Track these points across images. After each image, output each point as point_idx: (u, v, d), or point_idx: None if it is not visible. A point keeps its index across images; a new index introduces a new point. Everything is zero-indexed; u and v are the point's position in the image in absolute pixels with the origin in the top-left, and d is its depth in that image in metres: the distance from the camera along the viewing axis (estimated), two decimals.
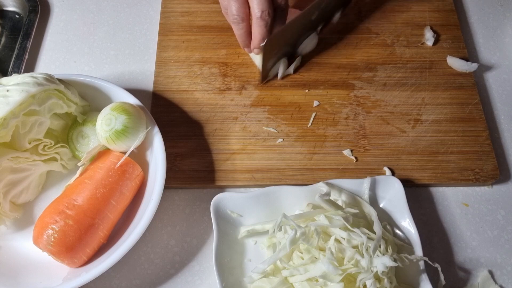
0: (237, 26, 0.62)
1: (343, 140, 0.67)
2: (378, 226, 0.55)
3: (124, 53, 0.76)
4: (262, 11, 0.58)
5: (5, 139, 0.55)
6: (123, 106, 0.59)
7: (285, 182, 0.63)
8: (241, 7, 0.59)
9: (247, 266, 0.58)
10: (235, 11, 0.60)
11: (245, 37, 0.64)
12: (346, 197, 0.59)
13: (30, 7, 0.78)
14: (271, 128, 0.68)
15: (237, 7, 0.60)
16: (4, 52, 0.77)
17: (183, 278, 0.59)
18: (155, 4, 0.80)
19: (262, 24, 0.59)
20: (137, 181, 0.60)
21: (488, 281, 0.59)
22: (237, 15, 0.60)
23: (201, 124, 0.68)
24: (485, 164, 0.65)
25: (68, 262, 0.55)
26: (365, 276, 0.50)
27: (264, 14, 0.58)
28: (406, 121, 0.68)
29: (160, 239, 0.61)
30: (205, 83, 0.71)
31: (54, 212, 0.55)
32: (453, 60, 0.72)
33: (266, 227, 0.58)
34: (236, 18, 0.61)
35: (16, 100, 0.53)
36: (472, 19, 0.80)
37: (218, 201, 0.59)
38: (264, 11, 0.58)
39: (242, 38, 0.64)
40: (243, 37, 0.64)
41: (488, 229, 0.63)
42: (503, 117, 0.71)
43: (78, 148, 0.63)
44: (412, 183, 0.64)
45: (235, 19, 0.61)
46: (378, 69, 0.73)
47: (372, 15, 0.78)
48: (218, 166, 0.65)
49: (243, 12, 0.60)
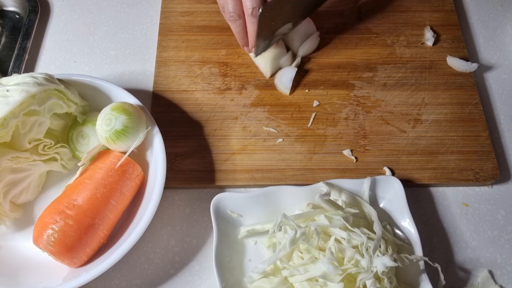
0: (234, 24, 0.63)
1: (343, 140, 0.67)
2: (378, 226, 0.55)
3: (124, 53, 0.76)
4: (253, 8, 0.58)
5: (5, 139, 0.55)
6: (123, 106, 0.59)
7: (285, 182, 0.63)
8: (237, 5, 0.60)
9: (247, 266, 0.58)
10: (231, 9, 0.60)
11: (243, 35, 0.64)
12: (346, 197, 0.59)
13: (30, 7, 0.78)
14: (271, 128, 0.68)
15: (233, 5, 0.60)
16: (4, 52, 0.77)
17: (183, 278, 0.59)
18: (155, 4, 0.80)
19: (254, 21, 0.60)
20: (137, 181, 0.60)
21: (488, 281, 0.59)
22: (233, 12, 0.60)
23: (201, 124, 0.68)
24: (485, 164, 0.65)
25: (68, 262, 0.55)
26: (365, 276, 0.50)
27: (255, 10, 0.58)
28: (406, 121, 0.68)
29: (160, 239, 0.61)
30: (205, 83, 0.71)
31: (54, 212, 0.55)
32: (453, 60, 0.72)
33: (266, 227, 0.58)
34: (232, 16, 0.61)
35: (16, 100, 0.53)
36: (472, 19, 0.80)
37: (218, 201, 0.59)
38: (255, 8, 0.58)
39: (240, 36, 0.64)
40: (240, 34, 0.64)
41: (488, 229, 0.63)
42: (503, 117, 0.71)
43: (78, 148, 0.63)
44: (412, 183, 0.64)
45: (232, 17, 0.61)
46: (378, 69, 0.73)
47: (372, 15, 0.78)
48: (218, 166, 0.65)
49: (239, 9, 0.60)
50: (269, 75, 0.71)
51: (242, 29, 0.63)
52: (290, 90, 0.69)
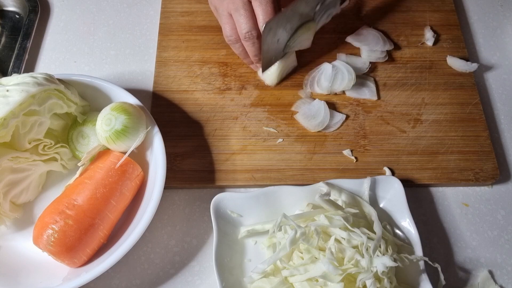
0: (234, 46, 0.65)
1: (343, 140, 0.67)
2: (378, 226, 0.55)
3: (124, 53, 0.76)
4: (246, 32, 0.61)
5: (5, 139, 0.55)
6: (123, 106, 0.59)
7: (285, 182, 0.63)
8: (233, 29, 0.63)
9: (247, 266, 0.58)
10: (228, 33, 0.63)
11: (245, 55, 0.66)
12: (346, 197, 0.59)
13: (30, 7, 0.78)
14: (271, 128, 0.68)
15: (229, 29, 0.63)
16: (4, 52, 0.77)
17: (183, 278, 0.59)
18: (155, 4, 0.80)
19: (249, 44, 0.62)
20: (137, 181, 0.60)
21: (488, 281, 0.59)
22: (230, 36, 0.63)
23: (201, 124, 0.68)
24: (485, 164, 0.65)
25: (68, 262, 0.55)
26: (365, 276, 0.50)
27: (248, 34, 0.61)
28: (406, 121, 0.68)
29: (160, 239, 0.61)
30: (205, 83, 0.71)
31: (54, 212, 0.55)
32: (453, 60, 0.72)
33: (266, 227, 0.58)
34: (230, 40, 0.64)
35: (16, 100, 0.53)
36: (472, 19, 0.80)
37: (218, 201, 0.59)
38: (247, 32, 0.61)
39: (242, 56, 0.67)
40: (242, 55, 0.67)
41: (488, 229, 0.63)
42: (503, 117, 0.71)
43: (78, 148, 0.63)
44: (412, 183, 0.64)
45: (230, 41, 0.64)
46: (378, 69, 0.73)
47: (372, 15, 0.78)
48: (218, 166, 0.65)
49: (235, 33, 0.63)
50: (275, 85, 0.71)
51: (243, 51, 0.65)
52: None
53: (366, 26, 0.75)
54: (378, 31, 0.74)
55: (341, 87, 0.69)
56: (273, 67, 0.68)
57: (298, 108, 0.69)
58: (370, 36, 0.73)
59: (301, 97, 0.70)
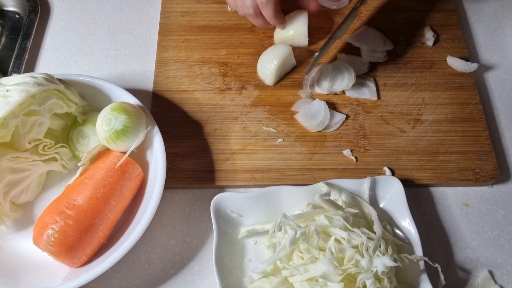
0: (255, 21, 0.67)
1: (343, 140, 0.67)
2: (378, 226, 0.55)
3: (124, 53, 0.76)
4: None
5: (5, 139, 0.55)
6: (123, 106, 0.59)
7: (285, 182, 0.63)
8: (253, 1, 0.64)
9: (247, 266, 0.58)
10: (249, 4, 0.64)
11: (264, 24, 0.68)
12: (346, 197, 0.59)
13: (30, 7, 0.78)
14: (271, 128, 0.68)
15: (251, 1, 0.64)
16: (4, 52, 0.77)
17: (183, 278, 0.59)
18: (155, 4, 0.80)
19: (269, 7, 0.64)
20: (137, 181, 0.60)
21: (488, 281, 0.59)
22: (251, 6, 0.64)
23: (201, 124, 0.68)
24: (485, 164, 0.65)
25: (68, 262, 0.55)
26: (365, 276, 0.50)
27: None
28: (406, 121, 0.68)
29: (160, 239, 0.61)
30: (205, 83, 0.71)
31: (54, 212, 0.55)
32: (453, 60, 0.72)
33: (266, 227, 0.58)
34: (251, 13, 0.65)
35: (16, 100, 0.53)
36: (472, 19, 0.80)
37: (218, 201, 0.59)
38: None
39: (261, 26, 0.68)
40: (262, 24, 0.68)
41: (488, 229, 0.63)
42: (503, 117, 0.71)
43: (78, 148, 0.63)
44: (412, 183, 0.64)
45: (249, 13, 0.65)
46: (378, 69, 0.73)
47: (372, 15, 0.78)
48: (218, 166, 0.65)
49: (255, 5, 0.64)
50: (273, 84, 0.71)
51: (264, 21, 0.67)
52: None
53: (366, 26, 0.75)
54: (378, 31, 0.74)
55: (341, 87, 0.69)
56: (272, 66, 0.68)
57: (298, 108, 0.69)
58: (370, 36, 0.73)
59: (301, 97, 0.70)
